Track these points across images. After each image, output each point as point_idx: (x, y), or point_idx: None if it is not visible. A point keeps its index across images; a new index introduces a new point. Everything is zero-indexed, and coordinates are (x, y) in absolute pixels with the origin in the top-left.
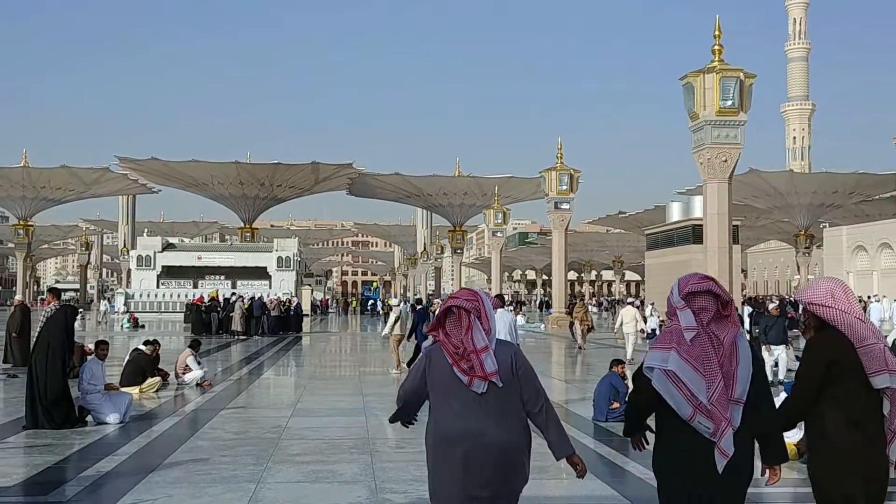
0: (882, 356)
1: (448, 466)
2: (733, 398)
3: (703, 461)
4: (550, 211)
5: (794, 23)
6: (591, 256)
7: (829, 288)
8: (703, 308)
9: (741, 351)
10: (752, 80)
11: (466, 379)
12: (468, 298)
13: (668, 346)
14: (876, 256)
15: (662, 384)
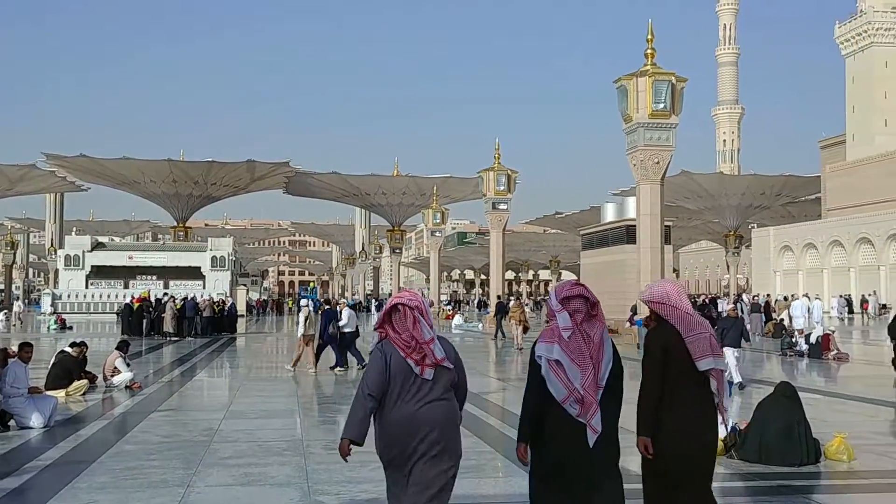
0: (707, 344)
1: (402, 443)
2: (600, 384)
3: (576, 437)
4: (488, 211)
5: (725, 28)
6: (529, 256)
7: (664, 289)
8: (576, 310)
9: (606, 345)
10: (684, 83)
11: (419, 368)
12: (411, 298)
13: (552, 341)
14: (801, 256)
15: (547, 371)
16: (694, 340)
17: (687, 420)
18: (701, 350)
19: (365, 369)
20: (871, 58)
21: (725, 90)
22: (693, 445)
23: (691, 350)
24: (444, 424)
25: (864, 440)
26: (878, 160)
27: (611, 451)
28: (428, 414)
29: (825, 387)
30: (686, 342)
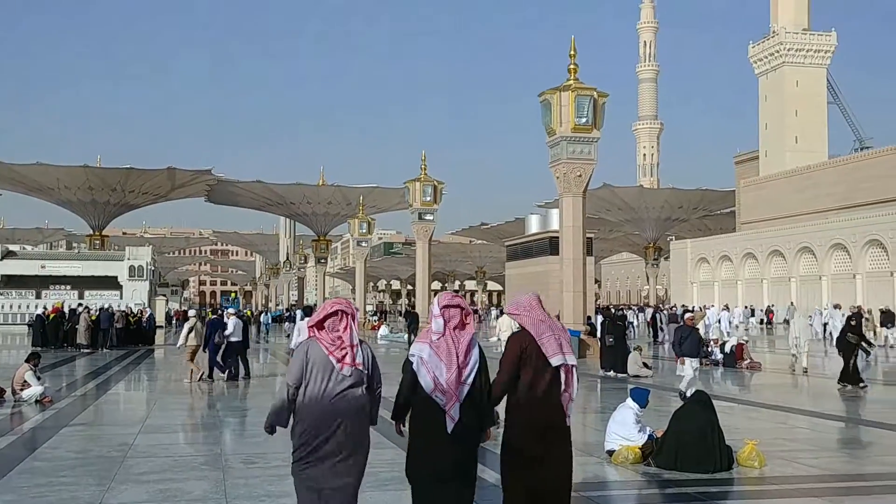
0: (556, 344)
1: (316, 428)
2: (463, 381)
3: (437, 423)
4: (415, 221)
5: (645, 45)
6: (455, 267)
7: (524, 300)
8: (452, 317)
9: (473, 349)
10: (605, 98)
11: (338, 365)
12: (348, 305)
13: (424, 342)
14: (717, 268)
15: (417, 367)
16: (545, 342)
17: (538, 409)
18: (552, 350)
19: (289, 364)
20: (782, 77)
21: (645, 106)
22: (542, 427)
23: (544, 350)
24: (355, 416)
25: (775, 447)
26: (788, 176)
27: (470, 436)
28: (341, 404)
29: (738, 395)
30: (539, 343)
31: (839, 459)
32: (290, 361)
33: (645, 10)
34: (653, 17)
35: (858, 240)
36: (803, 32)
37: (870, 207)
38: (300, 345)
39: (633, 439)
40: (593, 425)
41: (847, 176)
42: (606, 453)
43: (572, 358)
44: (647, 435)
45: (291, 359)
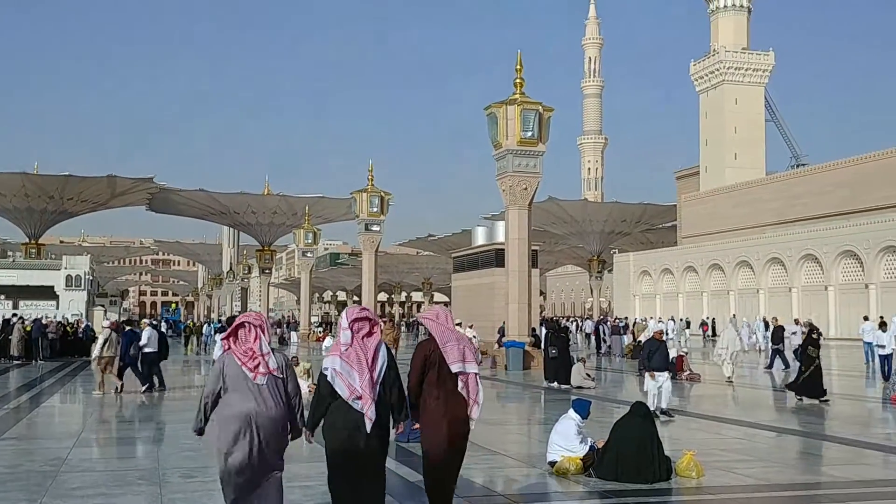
0: (457, 353)
1: (235, 437)
2: (375, 383)
3: (356, 425)
4: (361, 232)
5: (590, 61)
6: (402, 278)
7: (435, 311)
8: (360, 328)
9: (381, 354)
10: (551, 113)
11: (252, 375)
12: (256, 318)
13: (335, 353)
14: (658, 281)
15: (332, 379)
16: (448, 350)
17: (443, 406)
18: (453, 357)
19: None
20: (722, 95)
21: (590, 120)
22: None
23: (446, 357)
24: (271, 420)
25: (712, 457)
26: (727, 191)
27: (384, 433)
28: (258, 410)
29: (678, 406)
30: (442, 350)
31: (773, 469)
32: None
33: (590, 26)
34: (598, 33)
35: (794, 254)
36: (742, 52)
37: (805, 223)
38: (218, 359)
39: (574, 450)
40: (537, 437)
41: (784, 192)
42: (548, 464)
43: (473, 367)
44: (589, 446)
45: (210, 371)
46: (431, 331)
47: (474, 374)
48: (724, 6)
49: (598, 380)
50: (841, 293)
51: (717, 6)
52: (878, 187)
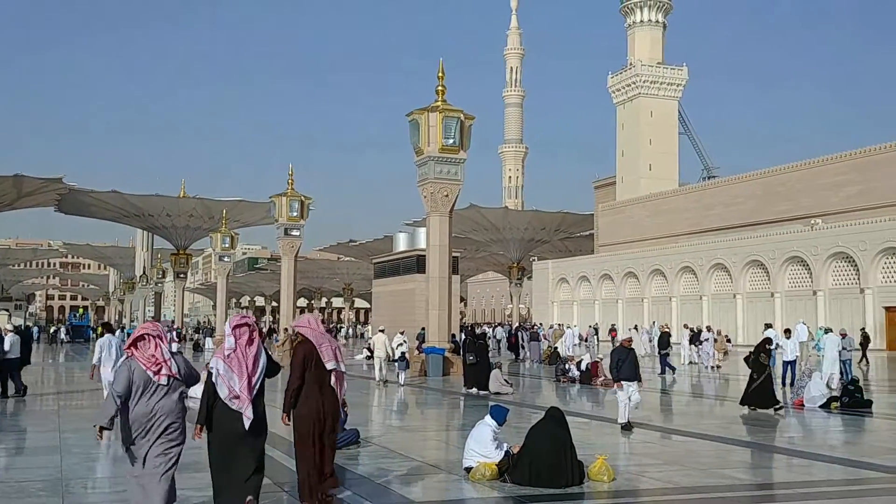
0: (331, 352)
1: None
2: (253, 386)
3: (235, 423)
4: (281, 237)
5: (511, 71)
6: (322, 283)
7: (306, 318)
8: (241, 334)
9: (260, 361)
10: (472, 121)
11: (156, 377)
12: (153, 328)
13: (219, 357)
14: (576, 288)
15: (215, 379)
16: (323, 350)
17: (320, 401)
18: (328, 357)
19: (115, 377)
20: (638, 107)
21: (511, 130)
22: (320, 417)
23: (322, 356)
24: (174, 412)
25: (624, 461)
26: (642, 202)
27: (261, 431)
28: (163, 405)
29: (593, 411)
30: (318, 351)
31: (681, 472)
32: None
33: (512, 36)
34: (519, 44)
35: (705, 263)
36: (658, 66)
37: (716, 233)
38: (124, 362)
39: (490, 456)
40: (454, 443)
41: (696, 203)
42: (464, 470)
43: (343, 366)
44: (505, 451)
45: (117, 373)
46: (307, 335)
47: (343, 371)
48: (641, 21)
49: (516, 386)
50: (748, 301)
51: (633, 21)
52: (783, 200)
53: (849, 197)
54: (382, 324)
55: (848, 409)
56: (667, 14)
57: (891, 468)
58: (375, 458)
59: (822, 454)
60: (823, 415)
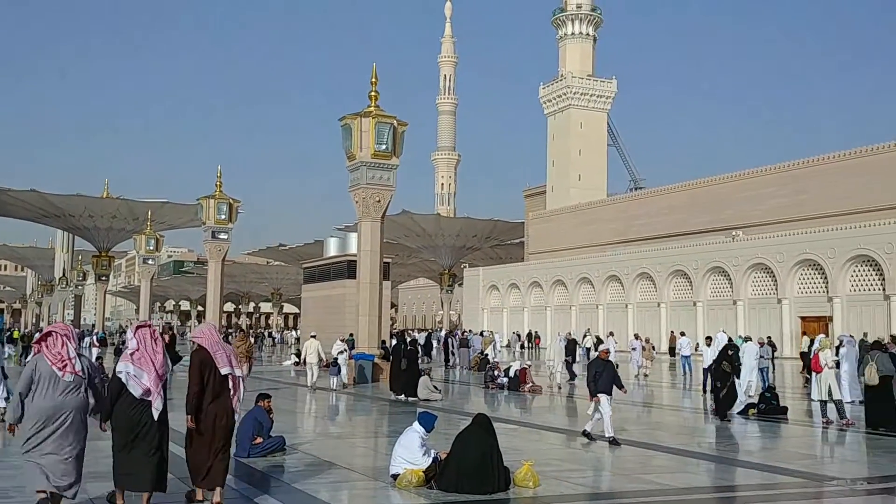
0: (225, 359)
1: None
2: (161, 380)
3: (144, 414)
4: (207, 240)
5: (445, 79)
6: (251, 288)
7: (201, 329)
8: (144, 335)
9: (167, 360)
10: (405, 127)
11: (60, 373)
12: (63, 328)
13: (127, 359)
14: (506, 295)
15: (126, 381)
16: (218, 357)
17: (214, 403)
18: (222, 363)
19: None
20: (568, 118)
21: (444, 136)
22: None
23: (217, 362)
24: (76, 409)
25: (549, 467)
26: (571, 211)
27: (165, 419)
28: (65, 401)
29: (520, 417)
30: (213, 358)
31: (605, 478)
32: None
33: (445, 44)
34: (453, 51)
35: (631, 272)
36: (588, 78)
37: (642, 243)
38: (30, 360)
39: (417, 462)
40: (382, 450)
41: (622, 213)
42: (391, 477)
43: (239, 371)
44: (432, 458)
45: (22, 372)
46: (202, 344)
47: (240, 376)
48: (572, 34)
49: (445, 392)
50: (672, 310)
51: (564, 33)
52: (706, 211)
53: (770, 209)
54: (311, 329)
55: (765, 416)
56: (597, 27)
57: (804, 473)
58: (301, 465)
59: (741, 459)
60: (742, 421)
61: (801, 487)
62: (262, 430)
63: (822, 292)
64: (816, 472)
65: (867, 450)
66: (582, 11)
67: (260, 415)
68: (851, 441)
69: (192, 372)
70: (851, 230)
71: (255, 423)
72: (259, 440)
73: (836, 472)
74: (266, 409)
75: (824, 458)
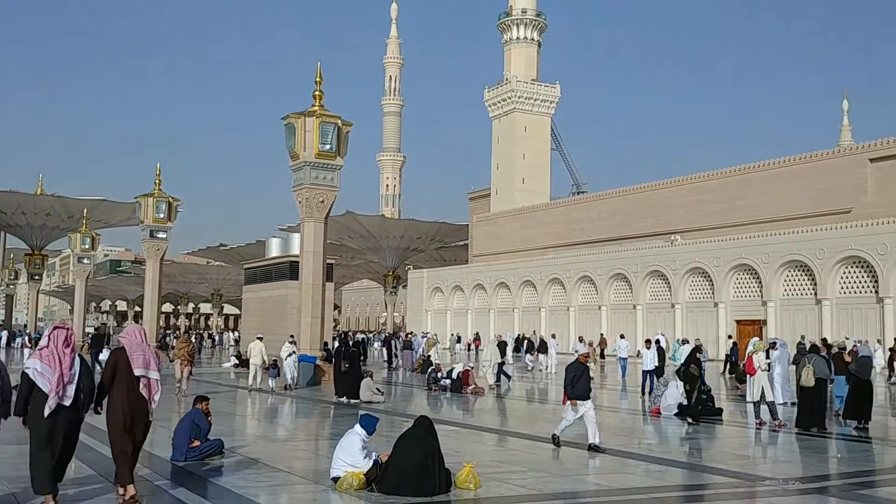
0: (142, 361)
1: None
2: (69, 381)
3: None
4: (146, 239)
5: (390, 80)
6: (190, 288)
7: (128, 330)
8: (58, 335)
9: (76, 361)
10: (349, 127)
11: None
12: None
13: (36, 357)
14: (450, 297)
15: (34, 377)
16: (135, 358)
17: (126, 400)
18: (137, 364)
19: None
20: (513, 122)
21: (389, 138)
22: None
23: (132, 363)
24: None
25: (490, 468)
26: (515, 214)
27: (76, 416)
28: None
29: (462, 419)
30: (130, 358)
31: (545, 479)
32: None
33: (391, 45)
34: (399, 53)
35: (572, 276)
36: (532, 83)
37: (584, 247)
38: None
39: (358, 465)
40: (323, 452)
41: (565, 217)
42: (332, 480)
43: (155, 373)
44: (373, 461)
45: None
46: (124, 345)
47: (155, 378)
48: (517, 38)
49: (387, 394)
50: (612, 313)
51: (510, 38)
52: (646, 216)
53: (708, 215)
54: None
55: (701, 417)
56: (542, 32)
57: (738, 473)
58: (240, 468)
59: (676, 460)
60: (678, 422)
61: (735, 487)
62: (200, 433)
63: (757, 296)
64: (750, 473)
65: (799, 450)
66: (527, 17)
67: (198, 417)
68: (783, 442)
69: (105, 369)
70: (785, 236)
71: (192, 425)
72: (197, 443)
73: (769, 472)
74: (204, 411)
75: (757, 458)
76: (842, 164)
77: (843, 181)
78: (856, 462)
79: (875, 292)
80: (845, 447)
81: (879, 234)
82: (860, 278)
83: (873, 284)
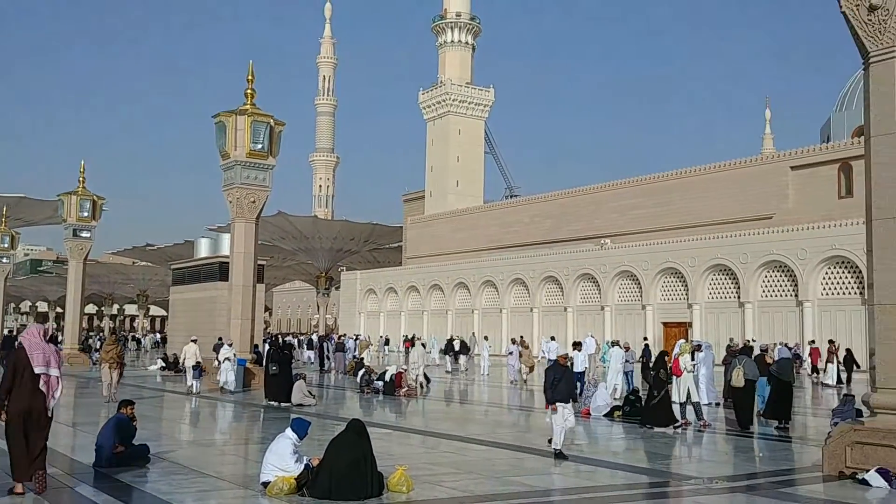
0: (42, 359)
1: None
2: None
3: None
4: (69, 238)
5: (324, 80)
6: (115, 289)
7: (29, 330)
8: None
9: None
10: (282, 127)
11: None
12: None
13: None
14: (383, 299)
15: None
16: (35, 357)
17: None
18: (37, 362)
19: None
20: (447, 124)
21: (323, 138)
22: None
23: (32, 361)
24: None
25: (423, 471)
26: (449, 216)
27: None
28: None
29: (395, 422)
30: (30, 357)
31: (478, 481)
32: None
33: (325, 45)
34: (332, 52)
35: (505, 278)
36: (466, 86)
37: (516, 249)
38: None
39: (289, 470)
40: (253, 457)
41: (498, 220)
42: (262, 485)
43: (55, 371)
44: (304, 464)
45: None
46: (25, 346)
47: (56, 376)
48: (451, 41)
49: (320, 397)
50: (544, 315)
51: (444, 41)
52: (577, 220)
53: (636, 219)
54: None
55: (629, 418)
56: (476, 36)
57: (665, 473)
58: (166, 474)
59: (606, 460)
60: (607, 423)
61: (661, 487)
62: (125, 439)
63: (683, 299)
64: (676, 472)
65: (723, 450)
66: (461, 20)
67: (122, 422)
68: (708, 441)
69: (6, 370)
70: (710, 241)
71: (117, 430)
72: (121, 449)
73: (694, 471)
74: (129, 416)
75: (682, 458)
76: (764, 171)
77: (765, 188)
78: (776, 461)
79: (795, 296)
80: (766, 446)
81: (799, 240)
82: (781, 282)
83: (793, 288)
